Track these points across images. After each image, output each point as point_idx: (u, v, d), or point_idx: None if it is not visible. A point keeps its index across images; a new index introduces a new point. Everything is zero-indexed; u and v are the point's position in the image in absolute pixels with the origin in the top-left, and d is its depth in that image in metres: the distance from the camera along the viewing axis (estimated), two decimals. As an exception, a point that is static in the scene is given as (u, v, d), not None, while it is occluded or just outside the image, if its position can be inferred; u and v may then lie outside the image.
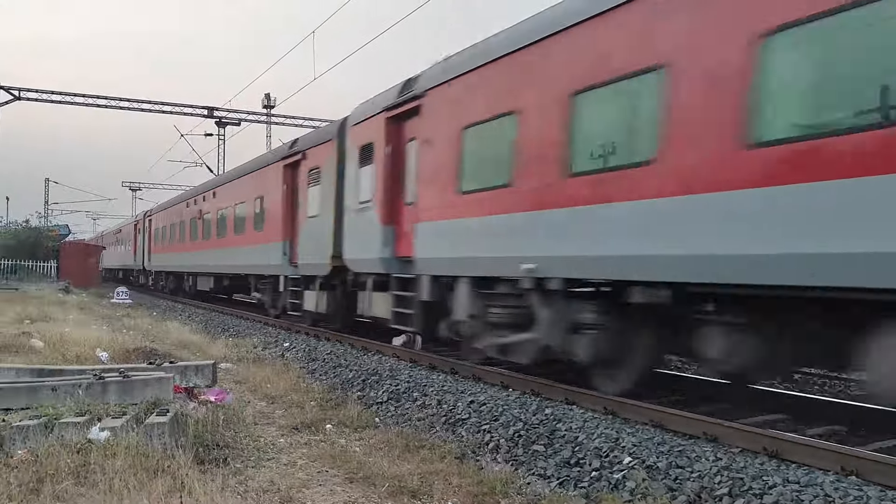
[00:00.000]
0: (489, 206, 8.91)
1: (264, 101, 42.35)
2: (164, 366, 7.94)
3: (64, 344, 10.71)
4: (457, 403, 8.00)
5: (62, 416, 5.74)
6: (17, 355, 9.80)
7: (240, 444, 6.38)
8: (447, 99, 9.97)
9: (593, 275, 7.45)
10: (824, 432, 6.23)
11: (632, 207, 6.86)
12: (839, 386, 9.08)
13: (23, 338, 11.09)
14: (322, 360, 11.86)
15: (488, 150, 9.03)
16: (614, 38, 7.18)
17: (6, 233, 43.22)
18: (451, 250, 9.70)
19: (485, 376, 9.12)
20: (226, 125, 41.05)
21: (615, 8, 7.12)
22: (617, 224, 7.03)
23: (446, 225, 9.80)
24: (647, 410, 6.81)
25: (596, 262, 7.32)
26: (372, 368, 10.37)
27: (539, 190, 8.06)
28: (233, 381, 9.74)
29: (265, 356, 12.83)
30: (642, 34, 6.84)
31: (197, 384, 7.80)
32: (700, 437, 6.12)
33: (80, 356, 9.81)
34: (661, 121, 6.56)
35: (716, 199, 6.08)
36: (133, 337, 13.03)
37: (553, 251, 7.81)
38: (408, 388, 9.03)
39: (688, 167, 6.35)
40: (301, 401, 8.55)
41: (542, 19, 8.37)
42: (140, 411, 6.07)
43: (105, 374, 6.94)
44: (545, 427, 6.81)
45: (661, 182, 6.56)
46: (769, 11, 5.69)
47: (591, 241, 7.36)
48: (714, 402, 7.54)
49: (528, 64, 8.38)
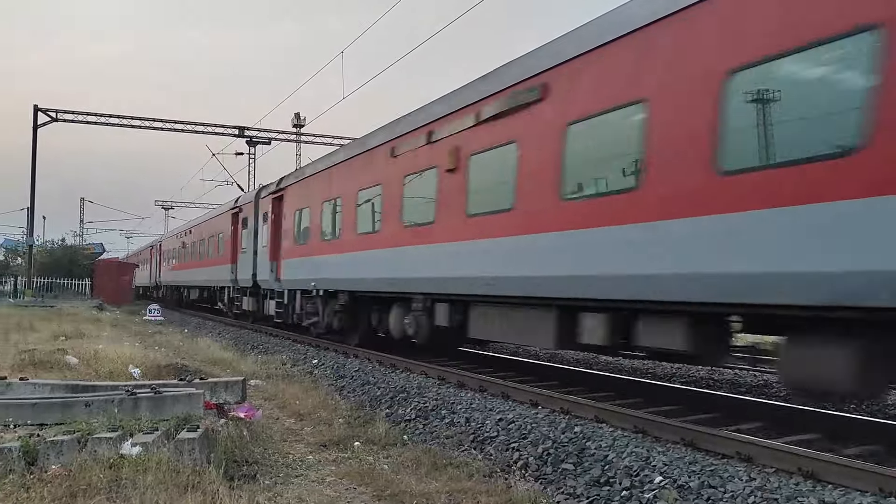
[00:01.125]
0: (300, 252, 17.24)
1: (294, 120, 42.96)
2: (194, 382, 8.01)
3: (97, 360, 10.86)
4: (485, 421, 7.96)
5: (95, 431, 5.81)
6: (53, 371, 9.95)
7: (269, 460, 6.41)
8: (290, 192, 18.53)
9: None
10: (861, 452, 6.09)
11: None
12: (876, 405, 8.88)
13: (58, 354, 11.26)
14: (350, 377, 11.89)
15: (301, 224, 17.31)
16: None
17: (43, 251, 44.09)
18: (293, 275, 17.63)
19: (514, 394, 9.07)
20: (256, 144, 41.64)
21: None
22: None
23: (292, 262, 17.77)
24: (678, 429, 6.71)
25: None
26: (400, 386, 10.37)
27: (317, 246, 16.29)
28: (262, 397, 9.80)
29: (294, 373, 12.89)
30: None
31: (227, 401, 7.85)
32: (733, 456, 6.01)
33: (114, 372, 9.94)
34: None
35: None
36: (164, 354, 13.18)
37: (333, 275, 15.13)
38: (436, 405, 9.01)
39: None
40: (329, 418, 8.57)
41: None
42: (171, 427, 6.12)
43: (137, 391, 7.02)
44: (574, 445, 6.74)
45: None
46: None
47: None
48: (747, 420, 7.41)
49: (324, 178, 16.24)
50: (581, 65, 7.97)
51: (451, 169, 10.30)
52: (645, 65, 7.07)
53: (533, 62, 8.93)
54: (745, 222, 5.94)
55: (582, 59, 7.94)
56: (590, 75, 7.84)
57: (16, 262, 43.67)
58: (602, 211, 7.50)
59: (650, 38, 7.05)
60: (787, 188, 5.59)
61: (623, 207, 7.19)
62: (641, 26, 7.13)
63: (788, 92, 5.84)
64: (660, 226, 6.73)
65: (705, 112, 6.29)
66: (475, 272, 9.69)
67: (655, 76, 6.91)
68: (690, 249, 6.43)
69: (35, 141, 34.59)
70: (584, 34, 8.10)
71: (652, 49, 7.02)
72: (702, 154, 6.32)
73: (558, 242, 8.10)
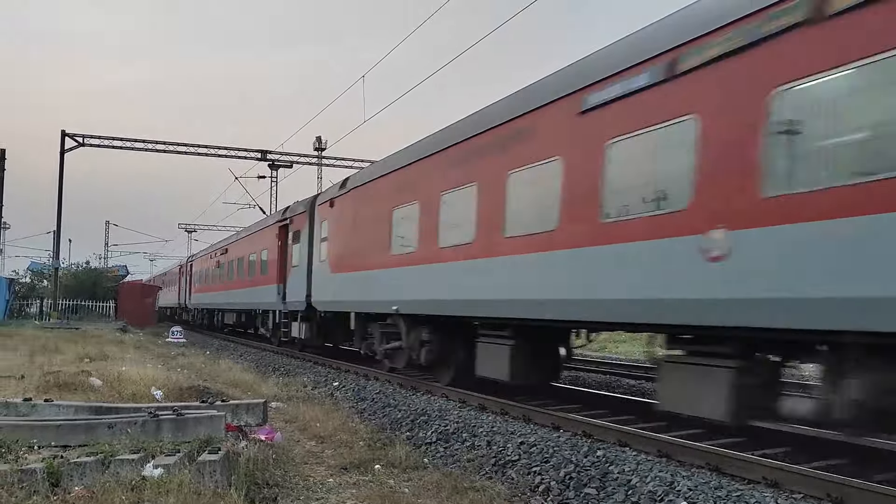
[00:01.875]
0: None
1: (315, 143, 43.34)
2: (216, 404, 8.04)
3: (121, 382, 10.93)
4: (506, 444, 7.89)
5: (118, 452, 5.83)
6: (77, 393, 10.03)
7: (289, 483, 6.39)
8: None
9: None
10: (891, 478, 5.95)
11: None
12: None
13: (82, 376, 11.35)
14: (371, 399, 11.86)
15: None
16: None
17: (68, 274, 44.66)
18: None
19: (535, 417, 8.99)
20: (278, 167, 42.05)
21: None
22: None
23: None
24: (703, 453, 6.62)
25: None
26: (421, 408, 10.32)
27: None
28: (283, 419, 9.80)
29: (315, 395, 12.89)
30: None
31: (248, 423, 7.87)
32: (760, 481, 5.90)
33: (136, 394, 10.00)
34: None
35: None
36: (187, 376, 13.25)
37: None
38: (457, 428, 8.95)
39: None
40: (350, 440, 8.55)
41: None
42: (193, 449, 6.13)
43: (159, 412, 7.05)
44: (597, 469, 6.66)
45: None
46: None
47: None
48: (773, 444, 7.28)
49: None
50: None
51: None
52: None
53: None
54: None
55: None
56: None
57: (42, 285, 44.23)
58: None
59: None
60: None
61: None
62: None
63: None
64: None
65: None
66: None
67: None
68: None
69: (62, 165, 35.22)
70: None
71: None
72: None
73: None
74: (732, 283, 6.05)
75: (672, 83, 6.87)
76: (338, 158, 41.21)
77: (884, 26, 5.11)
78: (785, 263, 5.60)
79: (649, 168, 7.11)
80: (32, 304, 41.17)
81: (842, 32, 5.37)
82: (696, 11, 6.92)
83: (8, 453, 6.06)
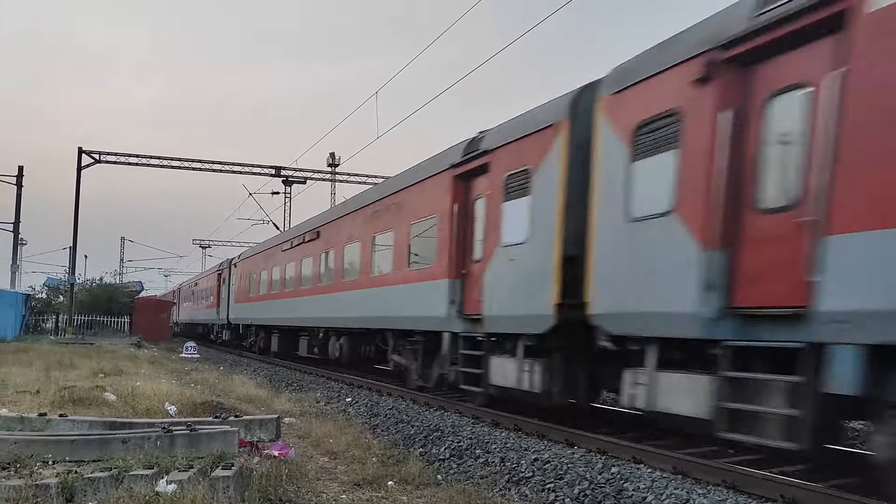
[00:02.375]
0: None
1: (329, 159, 43.62)
2: (229, 420, 8.06)
3: (135, 397, 10.98)
4: (520, 461, 7.84)
5: (131, 468, 5.85)
6: (91, 408, 10.08)
7: (302, 499, 6.37)
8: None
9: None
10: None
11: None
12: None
13: (97, 391, 11.42)
14: (384, 415, 11.83)
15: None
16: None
17: (83, 290, 44.98)
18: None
19: (549, 433, 8.94)
20: (292, 183, 42.31)
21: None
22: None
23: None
24: (720, 470, 6.55)
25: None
26: (434, 424, 10.28)
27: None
28: (296, 435, 9.78)
29: (328, 411, 12.88)
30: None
31: (261, 438, 7.87)
32: (777, 500, 5.83)
33: (150, 409, 10.03)
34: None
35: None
36: (200, 391, 13.27)
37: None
38: (470, 444, 8.91)
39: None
40: (363, 456, 8.52)
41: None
42: (206, 465, 6.13)
43: (173, 428, 7.07)
44: (612, 486, 6.60)
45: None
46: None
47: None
48: (790, 462, 7.19)
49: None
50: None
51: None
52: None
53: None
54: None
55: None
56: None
57: (58, 300, 44.56)
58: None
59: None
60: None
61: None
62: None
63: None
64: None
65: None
66: None
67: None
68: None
69: (79, 182, 35.55)
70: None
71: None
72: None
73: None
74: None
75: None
76: (351, 174, 41.41)
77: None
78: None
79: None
80: (48, 320, 41.45)
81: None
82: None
83: (23, 468, 6.09)
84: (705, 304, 6.75)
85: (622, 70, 8.42)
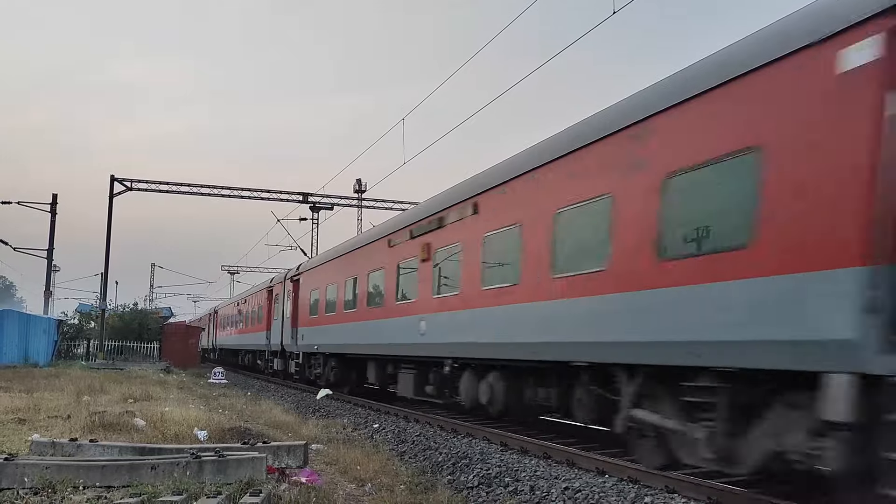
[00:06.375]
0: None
1: (356, 185, 43.96)
2: (257, 446, 8.03)
3: (164, 423, 11.02)
4: (550, 490, 7.71)
5: (160, 494, 5.84)
6: (121, 433, 10.13)
7: (330, 527, 6.31)
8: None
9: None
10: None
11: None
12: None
13: (126, 416, 11.48)
14: (412, 441, 11.74)
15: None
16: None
17: (114, 316, 45.52)
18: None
19: (579, 461, 8.80)
20: (319, 210, 42.59)
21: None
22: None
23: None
24: (757, 501, 6.37)
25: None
26: (462, 451, 10.18)
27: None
28: (323, 462, 9.73)
29: (355, 437, 12.81)
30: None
31: (289, 465, 7.84)
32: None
33: (179, 435, 10.05)
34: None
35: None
36: (228, 416, 13.29)
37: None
38: (499, 472, 8.79)
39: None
40: (391, 483, 8.44)
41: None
42: (234, 491, 6.11)
43: (202, 454, 7.07)
44: (645, 517, 6.45)
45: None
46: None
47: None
48: (830, 494, 6.97)
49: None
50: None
51: None
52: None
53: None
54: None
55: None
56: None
57: (89, 326, 45.12)
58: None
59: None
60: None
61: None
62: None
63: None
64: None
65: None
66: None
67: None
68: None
69: (111, 209, 36.14)
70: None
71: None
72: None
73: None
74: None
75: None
76: (377, 200, 41.64)
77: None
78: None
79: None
80: (80, 345, 41.94)
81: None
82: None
83: (53, 493, 6.12)
84: None
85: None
